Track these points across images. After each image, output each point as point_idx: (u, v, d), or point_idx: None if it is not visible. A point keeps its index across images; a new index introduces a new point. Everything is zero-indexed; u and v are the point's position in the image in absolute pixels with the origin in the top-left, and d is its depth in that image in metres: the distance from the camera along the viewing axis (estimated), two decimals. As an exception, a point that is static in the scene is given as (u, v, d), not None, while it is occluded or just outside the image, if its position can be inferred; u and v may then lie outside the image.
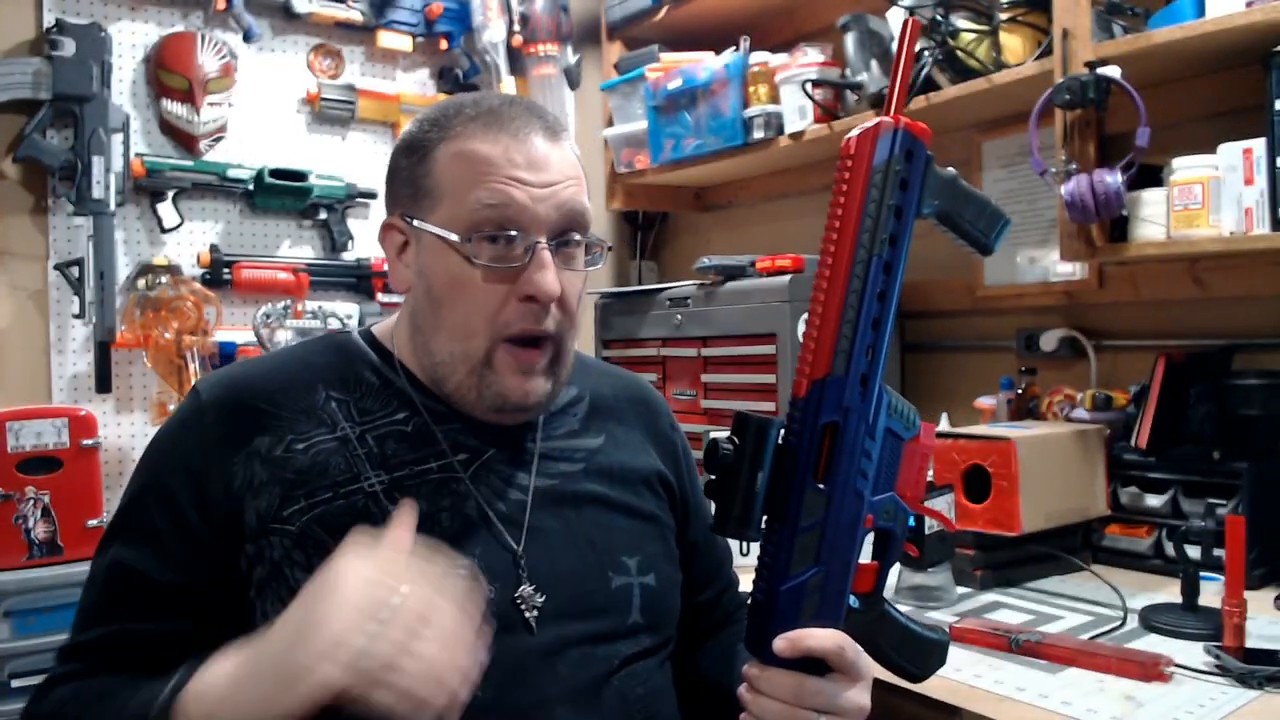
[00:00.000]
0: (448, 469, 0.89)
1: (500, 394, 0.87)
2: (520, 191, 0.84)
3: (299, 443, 0.85)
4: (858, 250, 0.73)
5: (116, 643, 0.82)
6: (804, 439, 0.73)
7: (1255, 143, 1.28)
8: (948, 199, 0.77)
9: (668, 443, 1.06)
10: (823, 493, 0.73)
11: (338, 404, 0.89)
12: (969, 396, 1.84)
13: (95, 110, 1.90)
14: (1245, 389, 1.42)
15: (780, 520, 0.73)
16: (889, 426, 0.76)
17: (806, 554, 0.73)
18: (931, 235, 0.81)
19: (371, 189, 2.31)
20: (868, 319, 0.73)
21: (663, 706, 0.91)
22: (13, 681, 1.62)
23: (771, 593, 0.73)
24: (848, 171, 0.73)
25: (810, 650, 0.72)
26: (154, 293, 2.00)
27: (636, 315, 2.18)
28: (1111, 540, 1.48)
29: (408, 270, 0.90)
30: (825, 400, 0.73)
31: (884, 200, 0.73)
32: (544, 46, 2.41)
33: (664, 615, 0.95)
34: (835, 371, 0.73)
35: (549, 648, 0.84)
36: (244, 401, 0.87)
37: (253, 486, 0.83)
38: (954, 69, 1.67)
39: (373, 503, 0.84)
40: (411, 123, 0.92)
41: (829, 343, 0.73)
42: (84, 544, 1.75)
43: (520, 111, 0.88)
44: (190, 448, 0.85)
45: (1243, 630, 1.05)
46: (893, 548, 0.77)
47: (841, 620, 0.75)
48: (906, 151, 0.74)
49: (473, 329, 0.85)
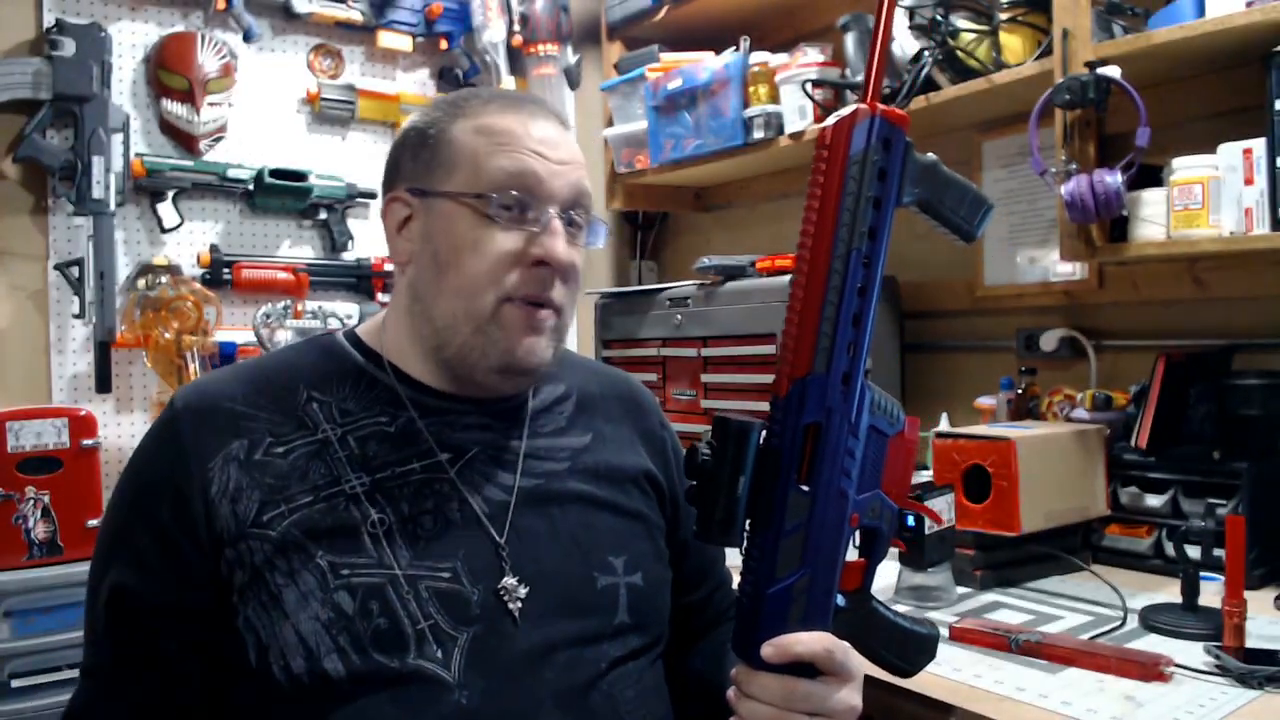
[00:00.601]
0: (431, 469, 0.88)
1: (507, 350, 0.87)
2: (539, 162, 0.87)
3: (278, 446, 0.85)
4: (836, 245, 0.71)
5: (129, 662, 0.83)
6: (786, 440, 0.72)
7: (1255, 143, 1.28)
8: (928, 187, 0.75)
9: (657, 441, 1.05)
10: (807, 494, 0.72)
11: (319, 405, 0.88)
12: (969, 396, 1.84)
13: (95, 110, 1.90)
14: (1245, 389, 1.42)
15: (764, 524, 0.72)
16: (873, 424, 0.74)
17: (792, 557, 0.72)
18: (931, 235, 0.80)
19: (371, 189, 2.31)
20: (848, 315, 0.71)
21: (655, 707, 0.91)
22: (13, 681, 1.62)
23: (758, 597, 0.72)
24: (824, 163, 0.71)
25: (799, 656, 0.72)
26: (154, 293, 2.00)
27: (636, 315, 2.18)
28: (1111, 540, 1.47)
29: (409, 244, 0.91)
30: (807, 400, 0.72)
31: (862, 192, 0.71)
32: (544, 46, 2.41)
33: (652, 615, 0.94)
34: (816, 370, 0.71)
35: (536, 650, 0.83)
36: (219, 406, 0.86)
37: (230, 492, 0.82)
38: (954, 69, 1.67)
39: (354, 505, 0.84)
40: (418, 111, 0.95)
41: (809, 341, 0.71)
42: (84, 544, 1.75)
43: (533, 99, 0.94)
44: (168, 459, 0.85)
45: (1243, 630, 1.05)
46: (879, 545, 0.77)
47: (829, 621, 0.74)
48: (884, 140, 0.72)
49: (480, 286, 0.86)
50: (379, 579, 0.81)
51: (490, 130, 0.87)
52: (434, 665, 0.80)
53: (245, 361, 0.97)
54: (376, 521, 0.83)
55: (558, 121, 0.92)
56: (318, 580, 0.80)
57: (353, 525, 0.83)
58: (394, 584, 0.81)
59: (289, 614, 0.79)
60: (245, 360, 1.00)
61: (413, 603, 0.81)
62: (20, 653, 1.63)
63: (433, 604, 0.82)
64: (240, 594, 0.81)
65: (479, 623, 0.82)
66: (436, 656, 0.80)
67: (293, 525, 0.81)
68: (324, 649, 0.78)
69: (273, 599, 0.80)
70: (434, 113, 0.92)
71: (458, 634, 0.81)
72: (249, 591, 0.80)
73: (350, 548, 0.82)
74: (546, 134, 0.89)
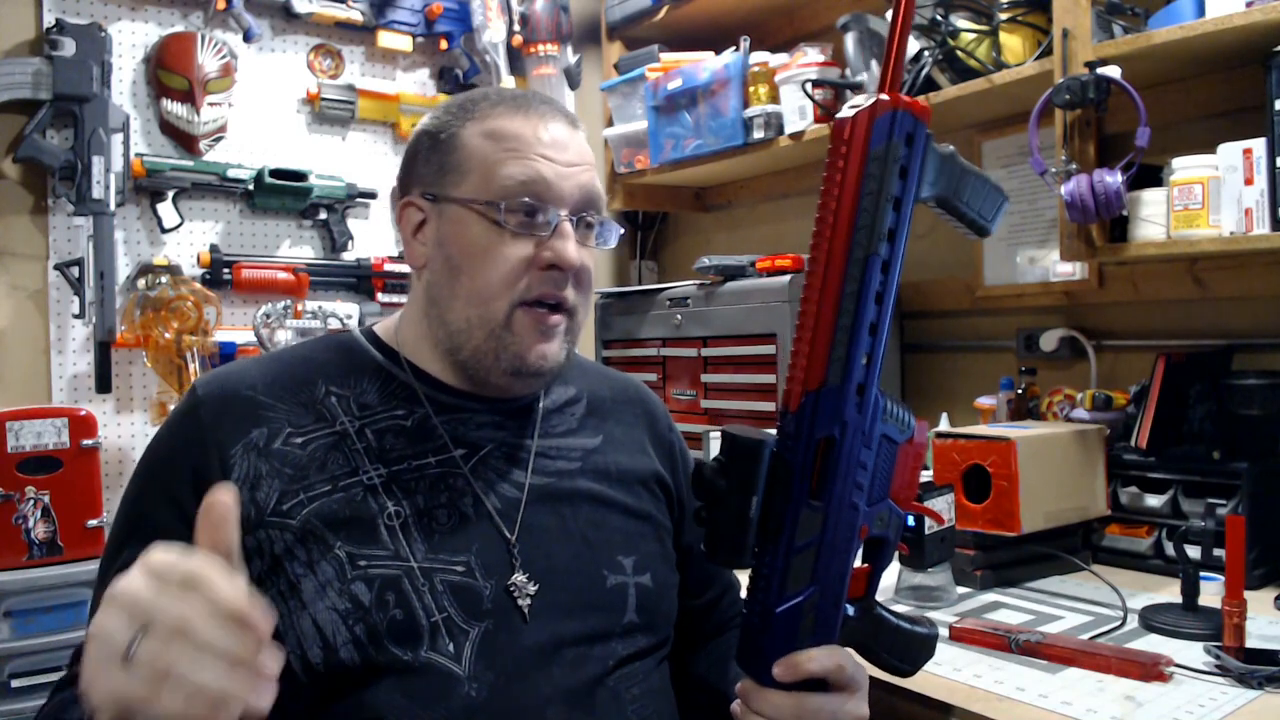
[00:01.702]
0: (446, 464, 0.89)
1: (518, 354, 0.88)
2: (548, 167, 0.87)
3: (297, 436, 0.86)
4: (854, 248, 0.66)
5: None
6: (798, 456, 0.68)
7: (1255, 143, 1.28)
8: (947, 181, 0.70)
9: (665, 444, 1.06)
10: (818, 510, 0.69)
11: (337, 399, 0.89)
12: (969, 396, 1.84)
13: (95, 110, 1.90)
14: (1245, 389, 1.41)
15: (774, 541, 0.70)
16: (884, 432, 0.71)
17: (802, 574, 0.70)
18: (931, 235, 0.80)
19: (371, 189, 2.31)
20: (865, 324, 0.67)
21: (660, 707, 0.91)
22: (13, 682, 1.62)
23: (767, 615, 0.70)
24: (842, 159, 0.66)
25: (811, 674, 0.70)
26: (154, 293, 2.00)
27: (636, 315, 2.18)
28: (1111, 540, 1.47)
29: (424, 247, 0.92)
30: (820, 413, 0.68)
31: (883, 191, 0.66)
32: (544, 46, 2.41)
33: (660, 616, 0.94)
34: (831, 382, 0.67)
35: (544, 647, 0.84)
36: (240, 394, 0.87)
37: (251, 479, 0.83)
38: (954, 69, 1.67)
39: (371, 496, 0.84)
40: (430, 113, 0.95)
41: (823, 351, 0.67)
42: (84, 544, 1.75)
43: (543, 99, 0.93)
44: (189, 442, 0.85)
45: (1243, 630, 1.05)
46: (886, 552, 0.74)
47: (837, 633, 0.72)
48: (907, 135, 0.66)
49: (493, 292, 0.87)
50: (395, 571, 0.82)
51: (499, 134, 0.88)
52: (445, 659, 0.80)
53: (264, 354, 0.98)
54: (393, 513, 0.84)
55: (567, 122, 0.92)
56: (336, 570, 0.81)
57: (370, 516, 0.83)
58: (410, 576, 0.82)
59: (306, 604, 0.80)
60: (264, 354, 1.01)
61: (428, 595, 0.82)
62: (20, 653, 1.63)
63: (447, 597, 0.82)
64: (258, 582, 0.81)
65: (490, 617, 0.83)
66: (449, 650, 0.80)
67: (312, 514, 0.82)
68: (340, 639, 0.79)
69: (291, 588, 0.80)
70: (445, 116, 0.92)
71: (470, 628, 0.82)
72: (267, 580, 0.81)
73: (367, 539, 0.83)
74: (556, 136, 0.89)
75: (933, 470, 1.45)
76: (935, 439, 1.46)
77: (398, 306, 2.30)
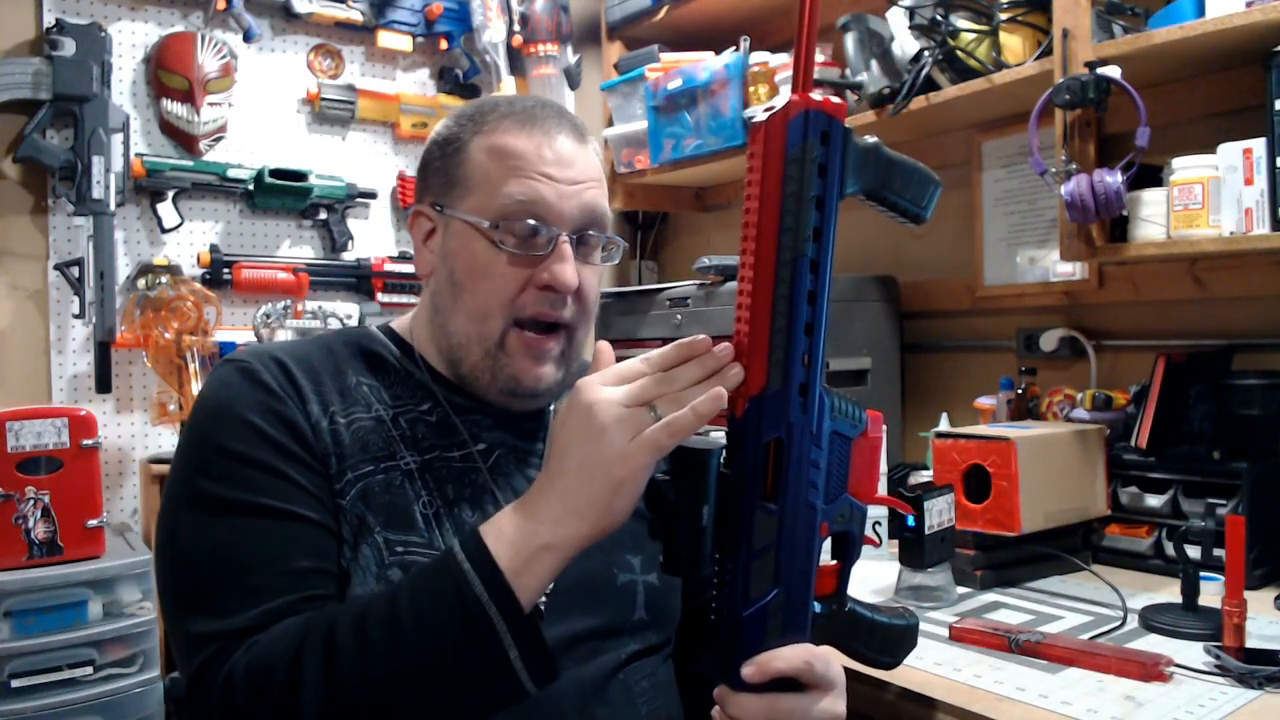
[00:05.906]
0: (467, 459, 0.90)
1: (513, 377, 0.89)
2: (548, 187, 0.87)
3: (341, 417, 0.86)
4: (780, 252, 0.66)
5: (298, 589, 0.78)
6: (748, 460, 0.68)
7: (1255, 143, 1.28)
8: (872, 174, 0.69)
9: None
10: (774, 512, 0.69)
11: (369, 388, 0.90)
12: (969, 396, 1.84)
13: (95, 110, 1.90)
14: (1245, 389, 1.41)
15: (732, 548, 0.69)
16: (834, 429, 0.71)
17: (764, 577, 0.70)
18: (931, 235, 0.80)
19: (371, 189, 2.31)
20: (800, 325, 0.67)
21: (667, 701, 0.93)
22: (13, 681, 1.62)
23: (734, 620, 0.70)
24: (758, 161, 0.66)
25: (779, 672, 0.70)
26: (154, 293, 2.00)
27: (636, 315, 2.18)
28: (1111, 540, 1.47)
29: (432, 256, 0.93)
30: (765, 417, 0.68)
31: (804, 192, 0.66)
32: (544, 46, 2.41)
33: (666, 614, 0.96)
34: (772, 385, 0.67)
35: (559, 641, 0.84)
36: (289, 369, 0.87)
37: (325, 432, 0.83)
38: (954, 69, 1.67)
39: (408, 480, 0.86)
40: (445, 118, 0.95)
41: (762, 355, 0.67)
42: (84, 544, 1.75)
43: (552, 113, 0.92)
44: (260, 391, 0.83)
45: (1243, 630, 1.05)
46: (852, 547, 0.74)
47: (808, 632, 0.72)
48: (822, 133, 0.66)
49: (490, 311, 0.88)
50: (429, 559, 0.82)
51: (503, 152, 0.88)
52: None
53: (286, 341, 0.98)
54: (427, 501, 0.85)
55: (575, 136, 0.91)
56: (374, 555, 0.82)
57: (406, 502, 0.85)
58: None
59: (349, 586, 0.81)
60: (286, 341, 1.01)
61: None
62: (20, 653, 1.63)
63: None
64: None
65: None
66: None
67: (356, 496, 0.83)
68: None
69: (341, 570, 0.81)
70: (455, 126, 0.92)
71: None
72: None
73: (404, 525, 0.83)
74: (561, 152, 0.88)
75: (933, 470, 1.45)
76: (935, 439, 1.46)
77: (398, 306, 2.31)
